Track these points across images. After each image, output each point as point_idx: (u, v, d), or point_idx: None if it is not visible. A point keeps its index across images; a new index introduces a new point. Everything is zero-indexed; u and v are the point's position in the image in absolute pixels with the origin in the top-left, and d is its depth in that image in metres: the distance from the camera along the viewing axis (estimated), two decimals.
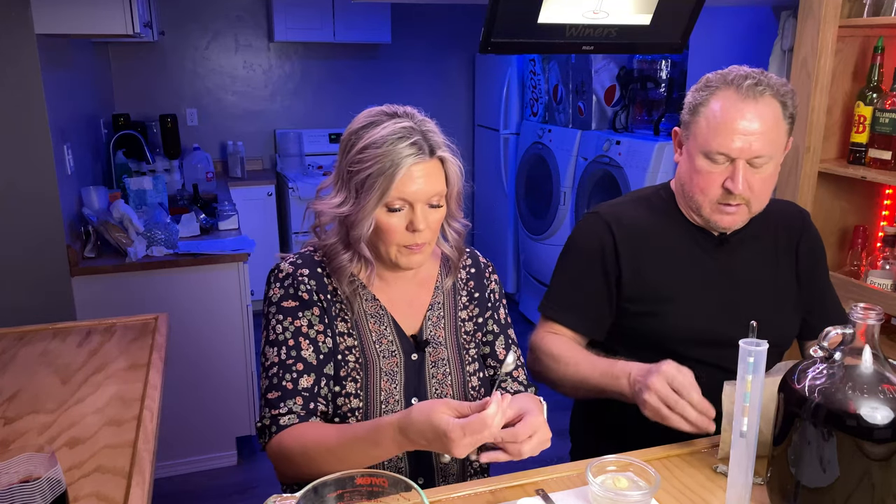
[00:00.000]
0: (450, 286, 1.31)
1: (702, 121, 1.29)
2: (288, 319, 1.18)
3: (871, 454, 0.90)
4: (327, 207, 1.19)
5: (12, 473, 0.93)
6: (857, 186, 2.29)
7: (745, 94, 1.25)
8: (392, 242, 1.16)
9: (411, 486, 0.85)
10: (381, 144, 1.12)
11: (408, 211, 1.15)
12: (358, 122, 1.19)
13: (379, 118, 1.16)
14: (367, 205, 1.13)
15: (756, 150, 1.25)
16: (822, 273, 1.49)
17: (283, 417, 1.14)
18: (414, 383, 1.22)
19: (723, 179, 1.28)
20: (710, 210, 1.33)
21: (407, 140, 1.12)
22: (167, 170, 3.80)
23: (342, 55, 4.68)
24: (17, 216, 2.26)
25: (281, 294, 1.20)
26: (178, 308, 2.45)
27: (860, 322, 0.92)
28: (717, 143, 1.26)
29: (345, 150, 1.18)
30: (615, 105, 3.60)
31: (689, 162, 1.33)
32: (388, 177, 1.11)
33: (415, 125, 1.15)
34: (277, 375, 1.16)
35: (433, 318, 1.27)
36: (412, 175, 1.12)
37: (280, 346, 1.18)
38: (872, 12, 2.08)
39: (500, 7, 1.68)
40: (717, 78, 1.30)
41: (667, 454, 1.19)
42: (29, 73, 2.19)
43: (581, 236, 1.46)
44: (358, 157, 1.13)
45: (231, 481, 2.69)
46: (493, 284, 1.37)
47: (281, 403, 1.15)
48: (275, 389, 1.16)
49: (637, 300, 1.40)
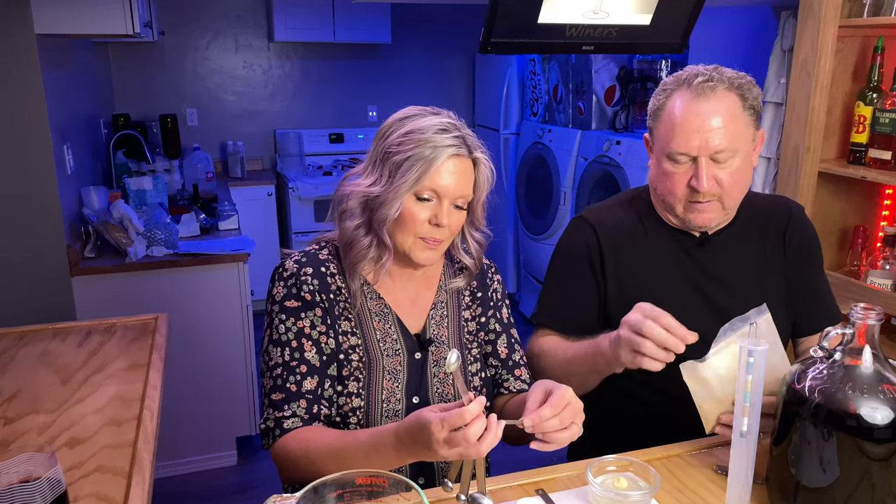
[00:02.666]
0: (454, 287, 1.31)
1: (661, 124, 1.30)
2: (291, 320, 1.19)
3: (871, 454, 0.90)
4: (357, 188, 1.19)
5: (12, 473, 0.93)
6: (857, 186, 2.29)
7: (697, 92, 1.26)
8: (412, 232, 1.17)
9: (411, 486, 0.85)
10: (426, 131, 1.14)
11: (435, 203, 1.16)
12: (400, 113, 1.21)
13: (422, 112, 1.19)
14: (401, 187, 1.14)
15: (716, 146, 1.25)
16: (812, 268, 1.45)
17: (287, 421, 1.14)
18: (416, 382, 1.23)
19: (688, 178, 1.28)
20: (683, 210, 1.33)
21: (450, 133, 1.15)
22: (167, 170, 3.80)
23: (342, 55, 4.68)
24: (17, 216, 2.26)
25: (284, 293, 1.20)
26: (178, 308, 2.45)
27: (860, 322, 0.92)
28: (675, 144, 1.27)
29: (383, 136, 1.19)
30: (615, 105, 3.60)
31: (656, 165, 1.34)
32: (428, 162, 1.13)
33: (457, 124, 1.18)
34: (281, 377, 1.17)
35: (436, 318, 1.28)
36: (448, 168, 1.15)
37: (283, 347, 1.18)
38: (872, 12, 2.08)
39: (500, 7, 1.68)
40: (672, 80, 1.31)
41: (667, 454, 1.19)
42: (29, 73, 2.19)
43: (567, 241, 1.46)
44: (399, 140, 1.15)
45: (231, 481, 2.69)
46: (495, 284, 1.37)
47: (285, 406, 1.15)
48: (279, 391, 1.16)
49: (620, 303, 1.40)
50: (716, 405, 1.10)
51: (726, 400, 1.08)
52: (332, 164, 4.58)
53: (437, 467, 1.24)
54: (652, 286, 1.38)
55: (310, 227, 4.24)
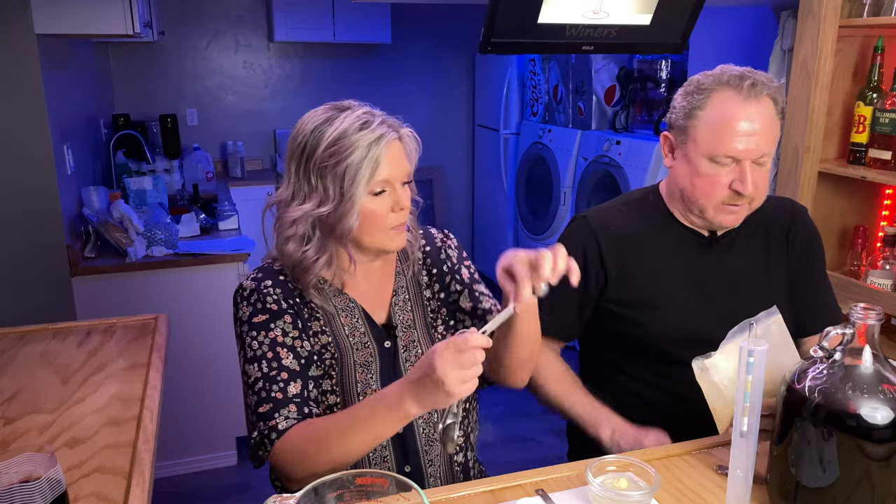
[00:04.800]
0: (411, 270, 1.30)
1: (702, 125, 1.29)
2: (262, 334, 1.17)
3: (871, 454, 0.90)
4: (302, 213, 1.15)
5: (12, 473, 0.93)
6: (857, 186, 2.29)
7: (747, 95, 1.25)
8: (380, 228, 1.16)
9: (411, 486, 0.85)
10: (353, 132, 1.11)
11: (389, 192, 1.15)
12: (307, 123, 1.16)
13: (330, 114, 1.16)
14: (356, 194, 1.12)
15: (760, 150, 1.26)
16: (815, 267, 1.46)
17: (281, 423, 1.12)
18: (389, 370, 1.23)
19: (729, 181, 1.28)
20: (715, 212, 1.32)
21: (374, 122, 1.13)
22: (167, 170, 3.80)
23: (342, 55, 4.67)
24: (17, 216, 2.26)
25: (250, 311, 1.18)
26: (178, 308, 2.44)
27: (860, 322, 0.92)
28: (723, 147, 1.26)
29: (305, 152, 1.15)
30: (615, 105, 3.60)
31: (688, 166, 1.32)
32: (372, 160, 1.11)
33: (371, 111, 1.16)
34: (264, 389, 1.14)
35: (399, 303, 1.27)
36: (391, 154, 1.13)
37: (259, 361, 1.16)
38: (872, 12, 2.08)
39: (500, 7, 1.68)
40: (711, 80, 1.30)
41: (667, 454, 1.19)
42: (29, 73, 2.19)
43: (566, 241, 1.45)
44: (330, 151, 1.12)
45: (231, 481, 2.69)
46: (448, 251, 1.35)
47: (275, 414, 1.12)
48: (265, 403, 1.13)
49: (626, 304, 1.40)
50: (728, 406, 1.10)
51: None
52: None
53: (422, 456, 1.24)
54: (658, 287, 1.39)
55: None
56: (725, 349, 1.08)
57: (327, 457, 1.06)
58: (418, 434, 1.24)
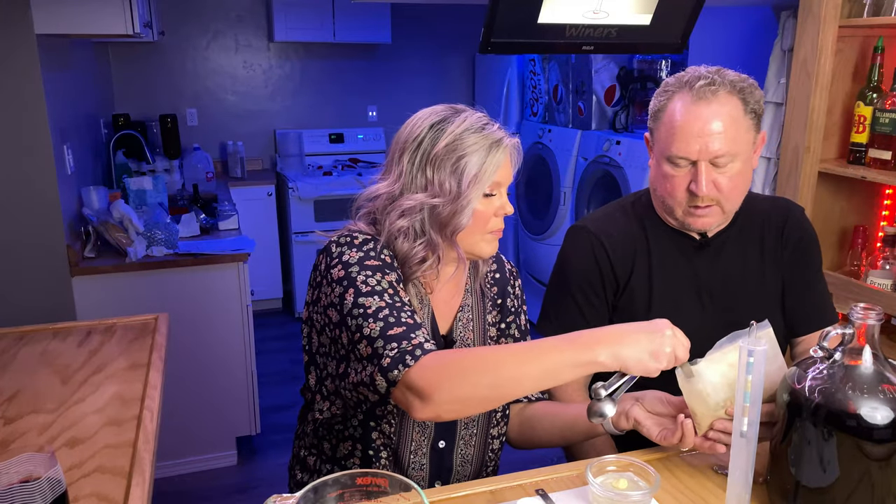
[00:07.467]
0: (478, 289, 1.30)
1: (661, 126, 1.29)
2: (378, 274, 1.10)
3: (871, 454, 0.90)
4: (416, 202, 1.12)
5: (12, 473, 0.93)
6: (857, 186, 2.29)
7: (699, 95, 1.24)
8: (484, 230, 1.15)
9: (411, 485, 0.85)
10: (475, 131, 1.11)
11: (498, 196, 1.15)
12: (425, 119, 1.14)
13: (447, 113, 1.14)
14: (471, 192, 1.10)
15: (716, 151, 1.24)
16: (809, 266, 1.44)
17: (424, 343, 1.03)
18: None
19: (687, 182, 1.27)
20: (683, 213, 1.32)
21: (493, 127, 1.14)
22: (167, 170, 3.80)
23: (342, 55, 4.68)
24: (17, 216, 2.26)
25: (360, 255, 1.11)
26: (178, 308, 2.44)
27: (860, 322, 0.92)
28: (675, 148, 1.26)
29: (422, 146, 1.12)
30: (615, 105, 3.60)
31: (656, 167, 1.33)
32: (493, 161, 1.11)
33: (485, 114, 1.16)
34: (392, 315, 1.05)
35: (463, 320, 1.27)
36: (508, 157, 1.14)
37: (381, 294, 1.08)
38: (872, 12, 2.08)
39: (500, 7, 1.68)
40: (674, 81, 1.30)
41: (667, 454, 1.19)
42: (29, 73, 2.19)
43: (574, 254, 1.44)
44: (452, 147, 1.10)
45: (231, 481, 2.68)
46: (516, 290, 1.37)
47: (411, 334, 1.03)
48: (395, 326, 1.04)
49: (622, 309, 1.40)
50: (710, 411, 1.09)
51: (718, 407, 1.07)
52: (332, 164, 4.58)
53: (454, 469, 1.25)
54: (654, 290, 1.39)
55: (310, 227, 4.23)
56: (712, 357, 1.07)
57: (495, 378, 0.97)
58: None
